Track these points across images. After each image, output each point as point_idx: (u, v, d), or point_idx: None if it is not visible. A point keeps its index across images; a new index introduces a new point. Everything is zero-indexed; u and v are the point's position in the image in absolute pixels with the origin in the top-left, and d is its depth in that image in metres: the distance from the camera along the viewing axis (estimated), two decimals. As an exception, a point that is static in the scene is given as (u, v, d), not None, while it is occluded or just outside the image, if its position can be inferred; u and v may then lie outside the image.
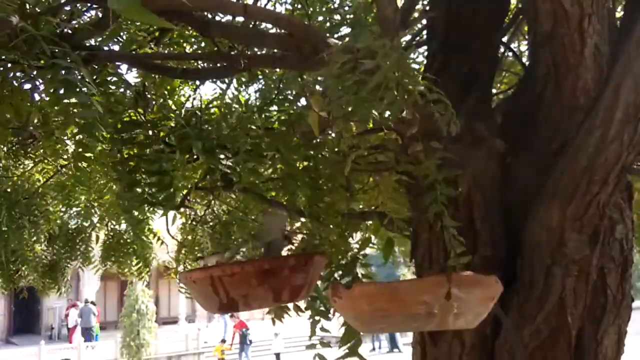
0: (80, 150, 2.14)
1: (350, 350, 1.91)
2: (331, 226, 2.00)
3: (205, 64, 2.75)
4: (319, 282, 2.05)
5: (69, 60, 1.62)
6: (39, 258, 4.80)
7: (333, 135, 1.81)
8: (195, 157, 2.28)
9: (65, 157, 4.20)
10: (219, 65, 2.41)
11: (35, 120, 2.77)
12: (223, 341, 19.41)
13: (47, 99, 1.92)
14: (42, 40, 1.61)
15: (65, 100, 1.71)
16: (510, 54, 3.13)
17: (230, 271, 1.81)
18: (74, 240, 4.89)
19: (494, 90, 2.77)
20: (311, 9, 2.88)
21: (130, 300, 17.12)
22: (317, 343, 2.04)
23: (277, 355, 19.95)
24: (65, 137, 3.69)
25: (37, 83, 2.12)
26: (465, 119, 2.03)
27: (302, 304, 2.10)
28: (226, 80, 2.91)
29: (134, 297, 17.08)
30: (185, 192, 2.90)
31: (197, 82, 3.11)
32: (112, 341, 19.09)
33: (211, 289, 1.81)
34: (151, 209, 2.98)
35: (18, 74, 1.85)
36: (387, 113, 1.72)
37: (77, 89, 1.56)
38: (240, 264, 1.86)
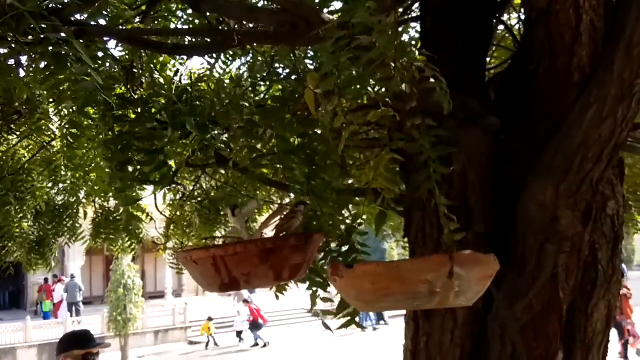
0: (70, 127, 2.10)
1: (349, 319, 1.94)
2: (330, 203, 2.00)
3: (195, 39, 2.69)
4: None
5: (60, 35, 1.58)
6: (25, 234, 4.76)
7: (326, 113, 1.79)
8: (186, 134, 2.26)
9: (49, 133, 4.15)
10: (211, 40, 2.36)
11: (24, 96, 2.71)
12: (210, 319, 19.47)
13: (37, 75, 1.87)
14: (31, 17, 1.57)
15: (57, 76, 1.68)
16: (502, 27, 3.11)
17: (233, 251, 1.81)
18: (61, 216, 4.85)
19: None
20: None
21: (117, 275, 17.08)
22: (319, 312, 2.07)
23: (239, 333, 19.73)
24: (52, 114, 3.64)
25: (23, 60, 2.08)
26: (460, 96, 2.03)
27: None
28: (214, 55, 2.86)
29: (120, 272, 17.05)
30: (175, 168, 2.87)
31: (186, 57, 3.06)
32: (98, 316, 19.10)
33: (213, 268, 1.81)
34: (141, 186, 2.95)
35: (5, 50, 1.81)
36: (383, 89, 1.71)
37: (69, 63, 1.53)
38: (243, 244, 1.86)
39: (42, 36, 1.59)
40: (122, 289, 16.84)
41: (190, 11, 2.98)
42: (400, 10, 3.17)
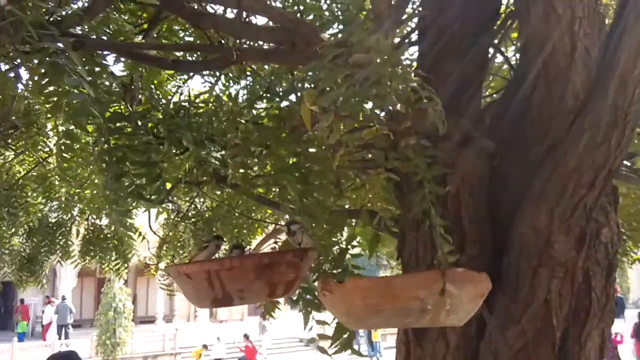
0: (66, 141, 2.10)
1: (343, 344, 1.91)
2: (324, 222, 1.99)
3: (195, 56, 2.71)
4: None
5: (58, 45, 1.59)
6: (16, 251, 4.73)
7: (322, 130, 1.80)
8: (183, 149, 2.26)
9: (46, 149, 4.15)
10: (210, 57, 2.38)
11: (21, 108, 2.72)
12: (205, 346, 19.16)
13: (35, 85, 1.87)
14: (30, 25, 1.58)
15: (51, 88, 1.68)
16: (500, 57, 3.14)
17: (229, 265, 1.77)
18: (54, 233, 4.83)
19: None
20: (302, 7, 2.86)
21: (107, 298, 16.92)
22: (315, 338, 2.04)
23: None
24: (48, 129, 3.64)
25: (20, 71, 2.09)
26: (455, 119, 2.04)
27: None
28: (216, 74, 2.88)
29: (111, 294, 16.89)
30: (170, 186, 2.87)
31: (186, 76, 3.08)
32: (87, 339, 18.83)
33: (206, 283, 1.77)
34: (135, 202, 2.94)
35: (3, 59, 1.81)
36: (379, 108, 1.72)
37: (66, 73, 1.53)
38: (239, 259, 1.82)
39: (40, 45, 1.60)
40: (112, 312, 16.67)
41: (190, 31, 3.01)
42: (397, 39, 3.22)
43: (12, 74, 2.19)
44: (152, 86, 2.77)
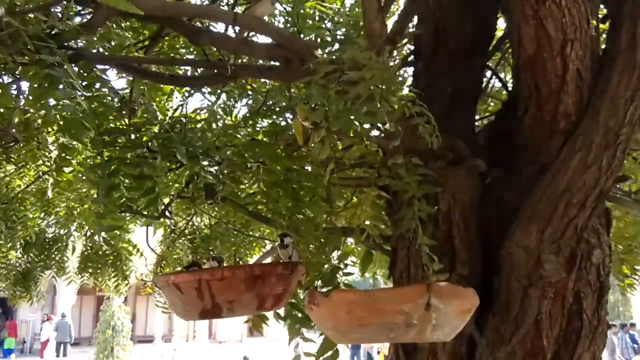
0: (63, 154, 2.12)
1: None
2: (312, 239, 1.99)
3: (192, 71, 2.74)
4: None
5: (55, 58, 1.61)
6: (11, 265, 4.72)
7: (314, 145, 1.81)
8: (177, 164, 2.27)
9: (47, 163, 4.17)
10: (206, 72, 2.41)
11: (17, 120, 2.74)
12: None
13: (30, 97, 1.90)
14: (28, 37, 1.61)
15: (50, 100, 1.70)
16: (497, 80, 3.17)
17: (221, 275, 1.76)
18: (50, 249, 4.83)
19: (477, 116, 2.79)
20: (299, 27, 2.90)
21: (106, 316, 16.79)
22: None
23: None
24: (48, 143, 3.66)
25: (19, 83, 2.11)
26: (448, 137, 2.05)
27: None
28: (217, 92, 2.90)
29: (110, 312, 16.76)
30: (167, 201, 2.87)
31: (187, 93, 3.10)
32: (85, 357, 18.67)
33: (196, 293, 1.76)
34: (132, 217, 2.94)
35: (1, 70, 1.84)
36: (369, 125, 1.74)
37: (61, 85, 1.55)
38: (231, 269, 1.82)
39: (37, 57, 1.63)
40: (110, 330, 16.52)
41: (191, 49, 3.05)
42: (395, 58, 3.25)
43: (11, 86, 2.22)
44: (152, 101, 2.79)
